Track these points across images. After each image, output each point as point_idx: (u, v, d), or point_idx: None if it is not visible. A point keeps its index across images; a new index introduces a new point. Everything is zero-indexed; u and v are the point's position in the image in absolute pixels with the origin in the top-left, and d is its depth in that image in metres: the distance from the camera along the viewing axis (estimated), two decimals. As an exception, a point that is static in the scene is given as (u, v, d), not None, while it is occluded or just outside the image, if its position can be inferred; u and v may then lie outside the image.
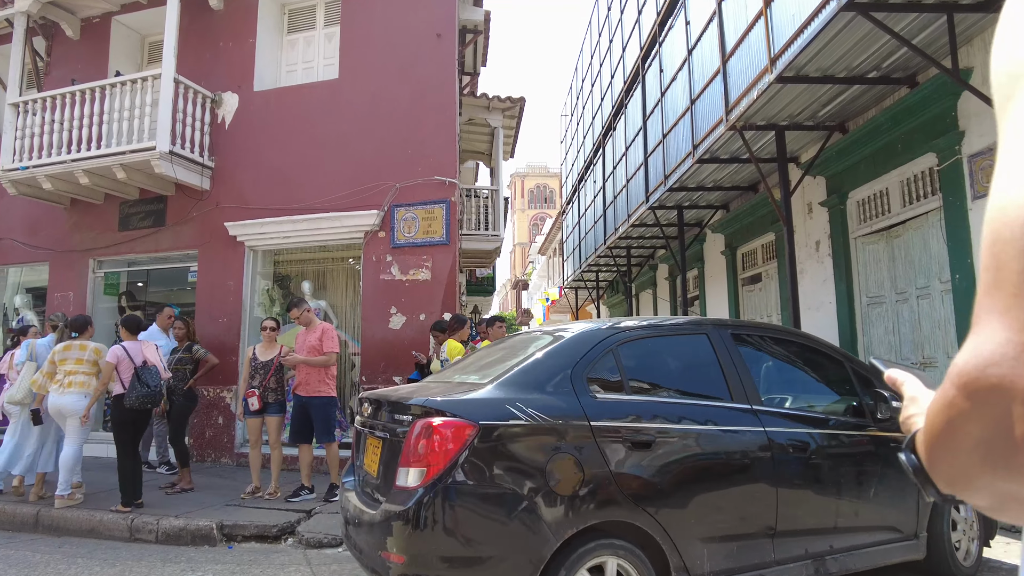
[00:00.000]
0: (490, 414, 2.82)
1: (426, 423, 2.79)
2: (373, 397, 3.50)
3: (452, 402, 2.90)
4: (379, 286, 7.48)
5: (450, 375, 3.90)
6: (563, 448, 2.85)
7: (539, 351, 3.27)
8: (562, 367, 3.09)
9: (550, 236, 25.76)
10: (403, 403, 3.05)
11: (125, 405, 5.65)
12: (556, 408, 2.91)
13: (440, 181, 7.40)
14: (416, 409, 2.90)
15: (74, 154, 8.01)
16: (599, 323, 3.48)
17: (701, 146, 9.31)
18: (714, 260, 13.00)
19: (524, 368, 3.13)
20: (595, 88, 16.86)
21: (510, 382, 3.04)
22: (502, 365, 3.41)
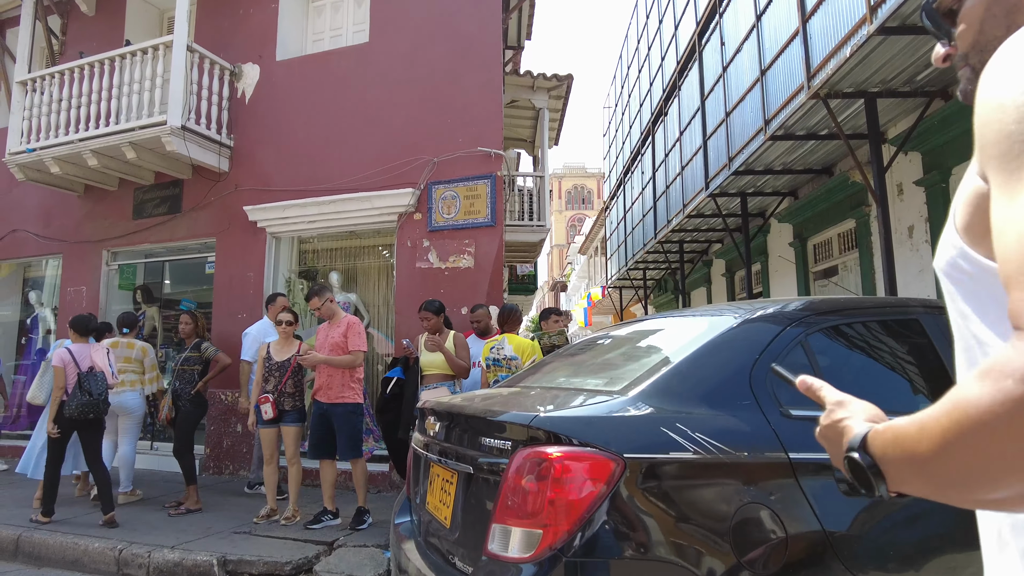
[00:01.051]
0: (639, 442, 1.82)
1: (536, 455, 1.81)
2: (442, 409, 2.50)
3: (576, 420, 1.90)
4: (415, 275, 6.42)
5: (541, 378, 2.87)
6: (753, 496, 1.78)
7: (689, 343, 2.21)
8: (736, 368, 2.02)
9: (591, 234, 24.52)
10: (494, 420, 2.06)
11: (64, 414, 5.00)
12: (737, 432, 1.87)
13: (484, 153, 6.30)
14: (517, 430, 1.91)
15: (81, 133, 7.16)
16: (770, 303, 2.37)
17: (774, 121, 8.09)
18: (780, 253, 11.67)
19: (678, 370, 2.07)
20: (642, 73, 15.67)
21: (659, 390, 2.00)
22: (631, 364, 2.44)
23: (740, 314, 2.28)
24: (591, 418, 1.92)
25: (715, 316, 2.41)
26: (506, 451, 1.90)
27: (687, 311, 2.89)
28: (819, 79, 6.86)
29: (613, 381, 2.26)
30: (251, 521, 5.08)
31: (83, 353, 5.24)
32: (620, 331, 3.15)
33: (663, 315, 3.05)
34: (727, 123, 9.90)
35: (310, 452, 5.13)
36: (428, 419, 2.57)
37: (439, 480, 2.37)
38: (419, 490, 2.60)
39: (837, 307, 2.38)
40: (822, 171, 9.66)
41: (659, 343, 2.57)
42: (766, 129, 8.27)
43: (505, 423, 1.99)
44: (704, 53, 11.25)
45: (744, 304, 2.49)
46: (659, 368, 2.12)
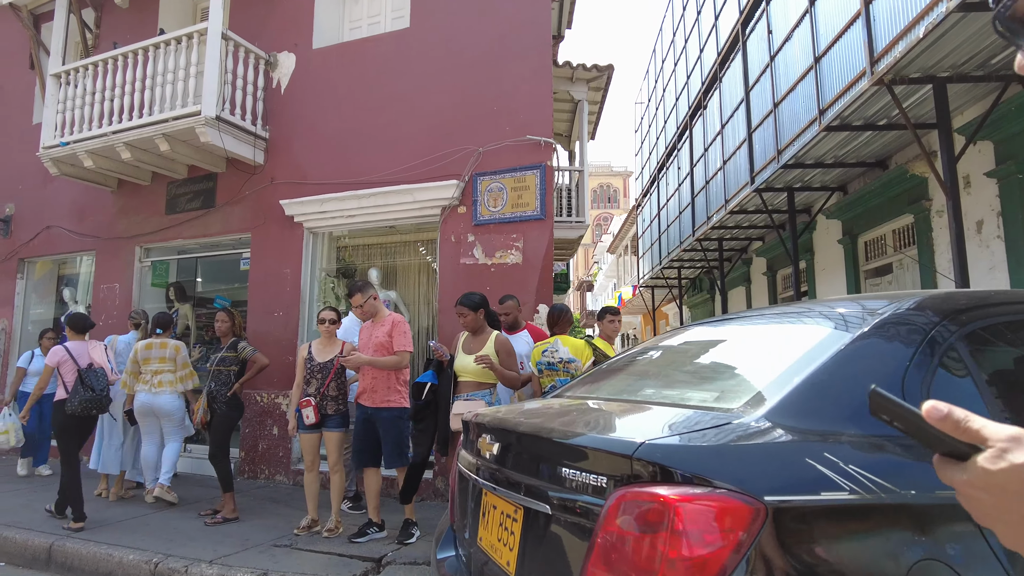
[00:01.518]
0: (783, 479, 1.36)
1: (645, 496, 1.35)
2: (501, 425, 2.04)
3: (698, 450, 1.44)
4: (459, 272, 6.04)
5: (616, 388, 2.40)
6: (928, 549, 1.33)
7: (812, 350, 1.75)
8: (886, 379, 1.57)
9: (621, 233, 23.99)
10: (580, 446, 1.60)
11: (67, 411, 4.98)
12: (899, 464, 1.42)
13: (533, 142, 5.90)
14: (615, 462, 1.46)
15: (115, 125, 6.91)
16: (908, 296, 1.89)
17: (829, 111, 7.59)
18: (827, 251, 11.11)
19: (814, 381, 1.61)
20: (679, 66, 15.16)
21: (793, 407, 1.55)
22: (739, 375, 1.96)
23: (857, 315, 1.87)
24: (718, 447, 1.45)
25: (823, 318, 1.99)
26: (600, 488, 1.46)
27: (770, 311, 2.45)
28: (884, 64, 6.37)
29: (726, 395, 1.81)
30: (291, 532, 4.74)
31: (80, 350, 5.24)
32: (691, 335, 2.67)
33: (741, 316, 2.56)
34: (775, 114, 9.41)
35: (354, 460, 4.78)
36: (483, 437, 2.08)
37: (497, 513, 1.92)
38: (467, 522, 2.15)
39: (986, 302, 1.89)
40: (876, 164, 9.12)
41: (764, 349, 2.11)
42: (820, 119, 7.78)
43: (597, 451, 1.54)
44: (748, 43, 10.75)
45: (840, 303, 2.09)
46: (787, 380, 1.65)
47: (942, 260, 8.04)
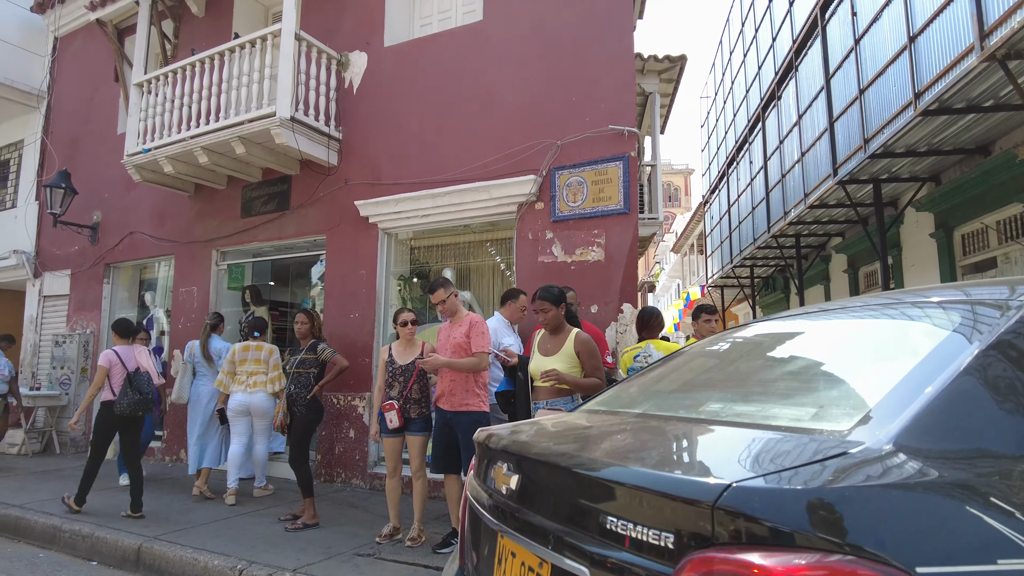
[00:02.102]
0: (941, 541, 0.94)
1: (735, 566, 0.95)
2: (521, 451, 1.62)
3: (812, 497, 0.98)
4: (537, 271, 5.77)
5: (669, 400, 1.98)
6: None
7: (936, 350, 1.33)
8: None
9: (686, 231, 23.28)
10: (631, 485, 1.18)
11: (115, 412, 5.28)
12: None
13: (616, 132, 5.57)
14: (685, 513, 1.06)
15: (192, 130, 6.97)
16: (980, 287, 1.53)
17: (927, 93, 6.98)
18: (918, 245, 10.34)
19: (959, 390, 1.18)
20: (748, 57, 14.51)
21: (932, 428, 1.13)
22: (837, 382, 1.55)
23: (991, 303, 1.44)
24: (841, 491, 0.99)
25: (939, 309, 1.55)
26: (662, 549, 1.06)
27: (860, 303, 1.89)
28: (997, 36, 5.78)
29: (827, 412, 1.38)
30: (373, 540, 4.56)
31: (128, 354, 5.48)
32: (764, 331, 2.15)
33: (825, 309, 2.04)
34: (861, 101, 8.79)
35: (433, 465, 4.56)
36: (498, 466, 1.65)
37: (516, 564, 1.50)
38: (481, 568, 1.71)
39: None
40: (976, 150, 8.39)
41: (866, 351, 1.64)
42: (916, 103, 7.17)
43: (658, 495, 1.11)
44: (828, 28, 10.14)
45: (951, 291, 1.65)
46: (912, 388, 1.22)
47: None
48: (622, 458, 1.40)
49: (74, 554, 4.78)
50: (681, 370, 2.17)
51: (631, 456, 1.42)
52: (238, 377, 5.89)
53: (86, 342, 9.05)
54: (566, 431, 1.84)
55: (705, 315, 4.74)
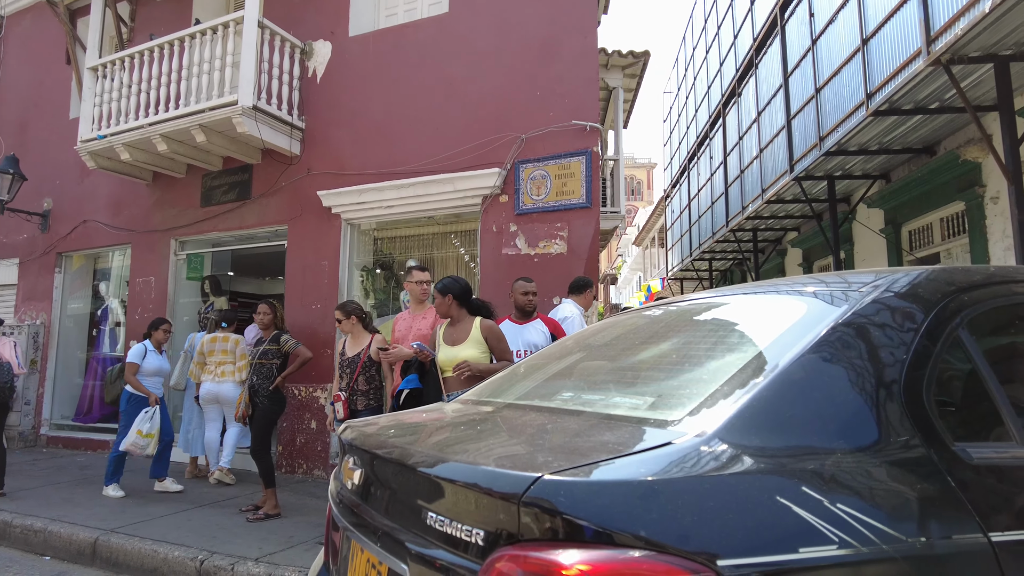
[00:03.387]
0: (746, 531, 0.95)
1: (536, 564, 0.92)
2: (364, 444, 1.56)
3: (618, 488, 0.97)
4: (501, 263, 5.83)
5: (528, 388, 1.94)
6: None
7: (783, 336, 1.33)
8: (883, 377, 1.19)
9: (648, 225, 23.63)
10: (447, 479, 1.17)
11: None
12: (904, 498, 1.06)
13: (579, 127, 5.66)
14: (496, 507, 1.03)
15: (151, 117, 6.81)
16: (891, 273, 1.48)
17: (878, 94, 7.26)
18: (869, 241, 10.73)
19: (787, 379, 1.18)
20: (711, 54, 14.77)
21: (756, 418, 1.13)
22: (690, 370, 1.49)
23: (842, 291, 1.44)
24: (649, 485, 0.96)
25: (804, 295, 1.52)
26: (473, 546, 1.02)
27: (747, 287, 1.87)
28: (943, 42, 6.04)
29: (664, 401, 1.35)
30: (336, 529, 4.60)
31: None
32: (652, 312, 2.05)
33: (714, 292, 2.00)
34: (817, 100, 9.07)
35: None
36: (346, 460, 1.60)
37: (362, 563, 1.41)
38: (340, 565, 1.61)
39: (998, 278, 1.47)
40: (923, 150, 8.75)
41: (722, 338, 1.62)
42: (867, 103, 7.45)
43: (470, 488, 1.07)
44: (787, 27, 10.40)
45: (828, 277, 1.62)
46: (748, 377, 1.21)
47: (996, 248, 7.69)
48: (444, 451, 1.35)
49: (26, 549, 4.68)
50: (559, 356, 2.11)
51: (455, 449, 1.36)
52: (207, 367, 6.08)
53: (36, 333, 8.77)
54: (417, 424, 1.77)
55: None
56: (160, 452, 5.71)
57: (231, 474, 6.11)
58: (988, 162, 7.65)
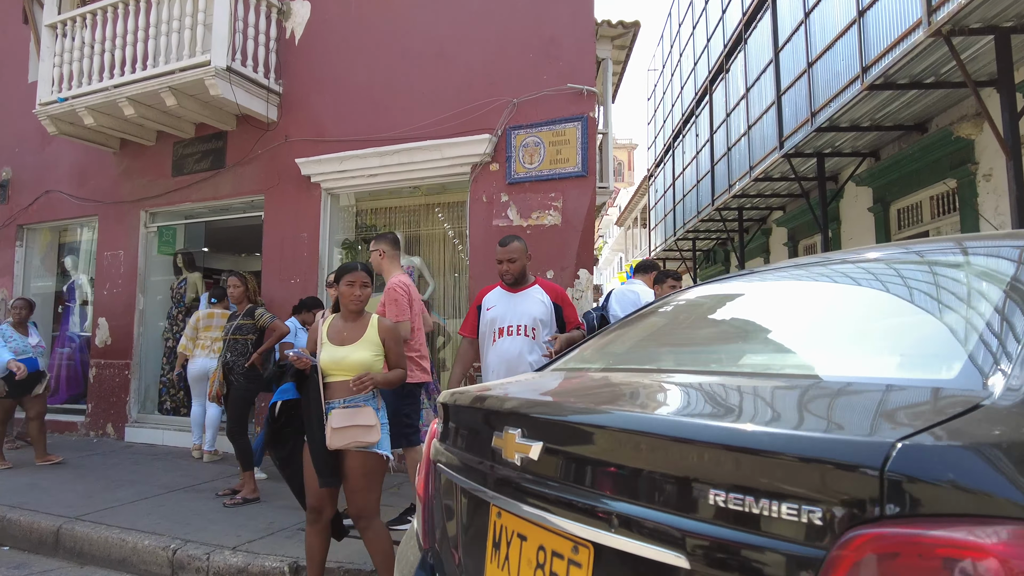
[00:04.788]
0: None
1: (927, 544, 0.72)
2: (554, 413, 1.34)
3: (979, 449, 0.78)
4: (491, 235, 5.52)
5: (679, 357, 1.75)
6: None
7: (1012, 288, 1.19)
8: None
9: (630, 204, 23.41)
10: (763, 448, 0.90)
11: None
12: None
13: (574, 91, 5.33)
14: (841, 481, 0.81)
15: (116, 79, 6.33)
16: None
17: (874, 68, 7.06)
18: (856, 219, 10.61)
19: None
20: (698, 29, 14.47)
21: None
22: (916, 329, 1.32)
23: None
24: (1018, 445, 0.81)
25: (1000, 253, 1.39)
26: (810, 529, 0.82)
27: (902, 248, 1.69)
28: (944, 12, 5.83)
29: (913, 361, 1.19)
30: (319, 514, 4.31)
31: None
32: (806, 272, 1.83)
33: (876, 251, 1.76)
34: (809, 75, 8.87)
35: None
36: (506, 432, 1.35)
37: (528, 547, 1.26)
38: (462, 554, 1.47)
39: None
40: (914, 127, 8.59)
41: (950, 290, 1.41)
42: (863, 77, 7.24)
43: (798, 459, 0.87)
44: (778, 1, 10.16)
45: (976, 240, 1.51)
46: (1004, 334, 1.07)
47: (988, 227, 7.58)
48: (733, 418, 1.13)
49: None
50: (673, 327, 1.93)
51: (743, 416, 1.16)
52: (201, 342, 5.93)
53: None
54: (599, 389, 1.53)
55: (671, 280, 4.54)
56: None
57: (218, 452, 6.13)
58: (981, 139, 7.52)
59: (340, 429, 2.85)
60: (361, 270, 3.07)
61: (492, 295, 3.72)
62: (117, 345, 7.20)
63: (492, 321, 3.63)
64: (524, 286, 3.68)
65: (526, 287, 3.69)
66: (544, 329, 3.56)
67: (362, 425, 2.86)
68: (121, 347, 7.17)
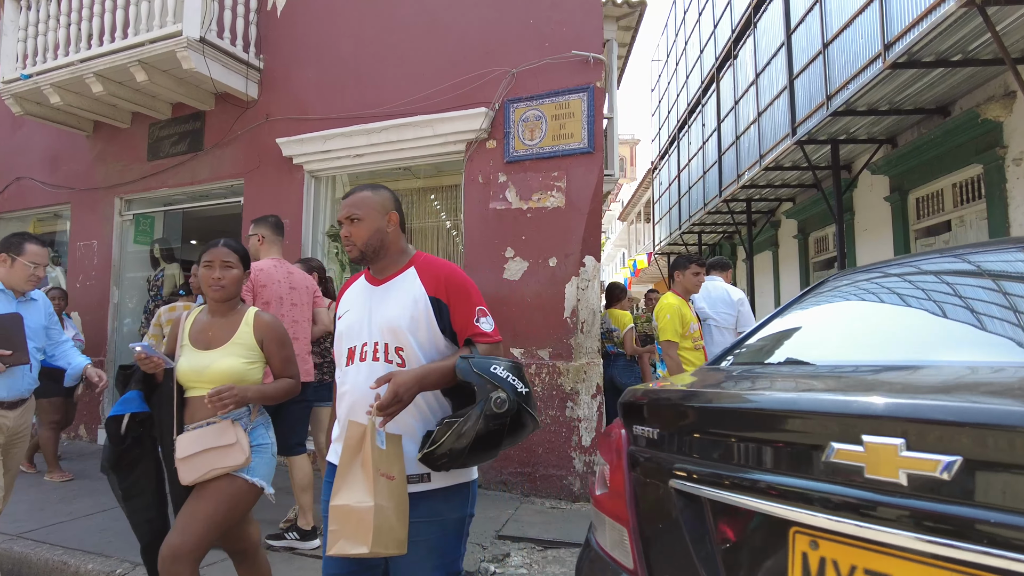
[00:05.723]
0: None
1: None
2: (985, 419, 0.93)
3: None
4: (488, 218, 4.99)
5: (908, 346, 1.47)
6: None
7: None
8: None
9: (633, 199, 22.84)
10: None
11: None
12: None
13: (579, 59, 4.80)
14: None
15: (83, 52, 5.81)
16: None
17: (898, 44, 6.54)
18: (871, 210, 10.07)
19: None
20: (703, 16, 13.93)
21: None
22: None
23: None
24: None
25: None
26: None
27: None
28: (979, -20, 5.30)
29: None
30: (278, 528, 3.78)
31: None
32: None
33: None
34: (824, 56, 8.34)
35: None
36: (872, 441, 1.01)
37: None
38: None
39: None
40: (936, 111, 8.05)
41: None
42: (885, 55, 6.71)
43: None
44: (791, -20, 9.64)
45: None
46: None
47: (1017, 213, 7.04)
48: None
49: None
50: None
51: None
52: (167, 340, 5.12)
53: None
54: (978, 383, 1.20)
55: (695, 267, 3.97)
56: None
57: None
58: (1011, 120, 6.99)
59: (190, 458, 2.16)
60: (223, 246, 2.37)
61: (350, 292, 2.05)
62: (90, 341, 6.67)
63: (340, 338, 1.97)
64: (394, 271, 1.96)
65: (396, 272, 1.95)
66: (416, 345, 1.83)
67: (218, 447, 2.17)
68: (94, 343, 6.65)
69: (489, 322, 1.89)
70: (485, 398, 1.58)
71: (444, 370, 1.74)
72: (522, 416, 1.64)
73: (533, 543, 3.52)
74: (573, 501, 4.42)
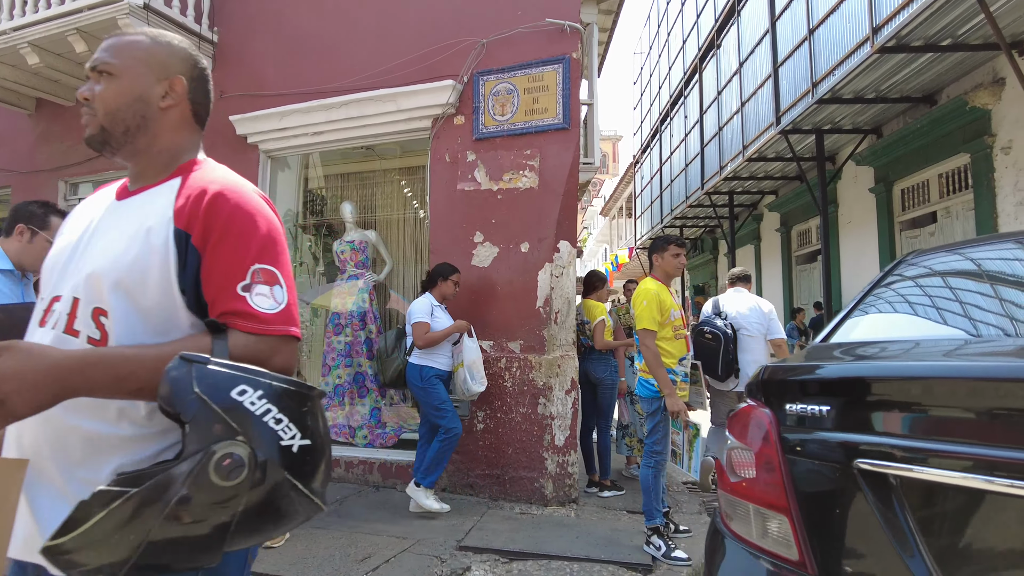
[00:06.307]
0: None
1: None
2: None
3: None
4: (456, 200, 4.60)
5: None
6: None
7: None
8: None
9: (615, 194, 22.56)
10: None
11: None
12: None
13: (554, 27, 4.42)
14: None
15: (16, 20, 5.31)
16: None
17: (887, 28, 6.29)
18: (855, 202, 9.87)
19: None
20: (686, 7, 13.64)
21: None
22: None
23: None
24: None
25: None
26: None
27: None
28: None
29: None
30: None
31: None
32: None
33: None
34: (810, 42, 8.08)
35: None
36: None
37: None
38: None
39: None
40: (922, 99, 7.82)
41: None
42: (873, 39, 6.44)
43: None
44: (775, -34, 9.38)
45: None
46: None
47: (1006, 203, 6.82)
48: None
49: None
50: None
51: None
52: None
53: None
54: None
55: (674, 247, 3.63)
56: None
57: None
58: (1000, 108, 6.77)
59: None
60: None
61: (84, 205, 1.22)
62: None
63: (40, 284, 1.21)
64: (153, 179, 1.14)
65: (155, 182, 1.13)
66: (133, 312, 1.02)
67: None
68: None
69: (271, 295, 1.04)
70: (204, 451, 0.81)
71: (148, 365, 0.93)
72: (279, 496, 0.86)
73: (497, 555, 3.15)
74: (544, 505, 4.06)
